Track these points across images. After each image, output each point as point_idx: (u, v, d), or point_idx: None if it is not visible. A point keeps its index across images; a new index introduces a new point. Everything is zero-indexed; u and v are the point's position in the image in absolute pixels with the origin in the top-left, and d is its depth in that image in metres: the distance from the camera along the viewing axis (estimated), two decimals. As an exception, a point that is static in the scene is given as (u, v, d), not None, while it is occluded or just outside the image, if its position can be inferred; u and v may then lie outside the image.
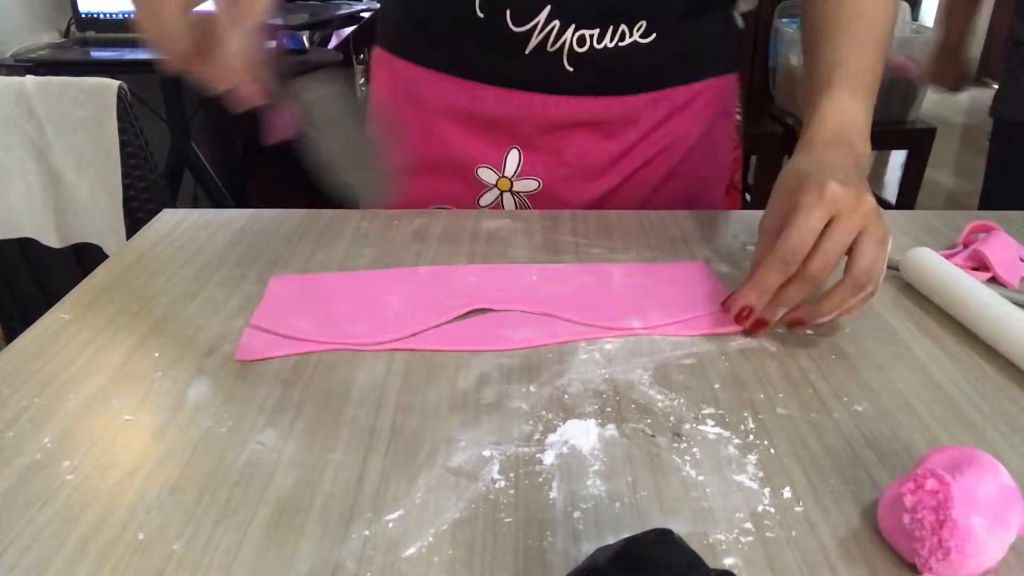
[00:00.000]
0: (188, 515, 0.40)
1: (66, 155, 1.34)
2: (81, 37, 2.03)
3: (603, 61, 0.71)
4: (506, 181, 0.79)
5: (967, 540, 0.34)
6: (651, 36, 0.70)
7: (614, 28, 0.69)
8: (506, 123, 0.76)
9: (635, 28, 0.70)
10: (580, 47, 0.70)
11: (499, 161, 0.78)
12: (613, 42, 0.70)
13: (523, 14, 0.68)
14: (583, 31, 0.69)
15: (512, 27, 0.69)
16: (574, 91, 0.73)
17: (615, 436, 0.45)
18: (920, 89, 2.08)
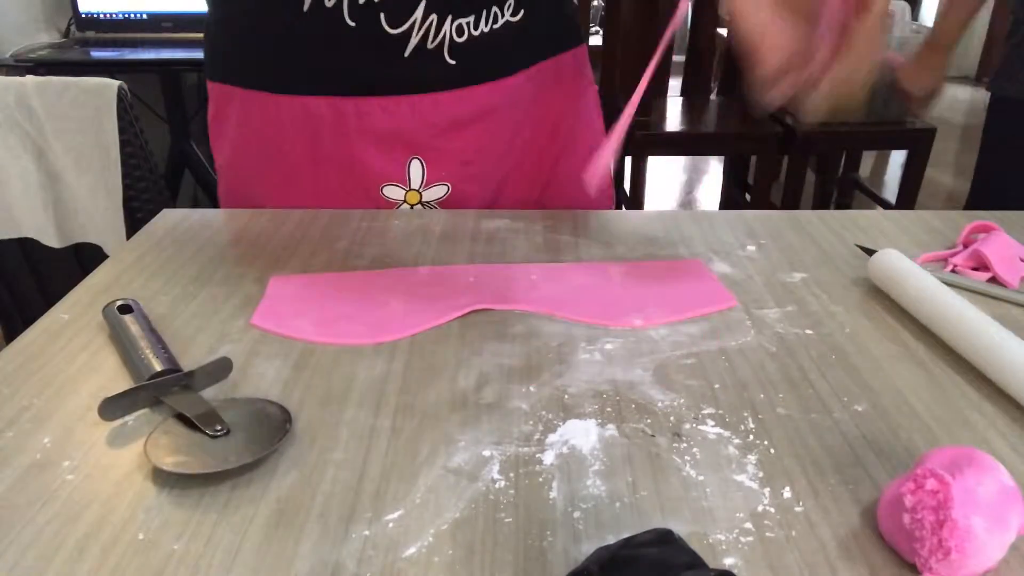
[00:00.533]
0: (188, 515, 0.40)
1: (66, 155, 1.34)
2: (81, 37, 2.04)
3: (481, 47, 0.71)
4: (415, 194, 0.76)
5: (967, 540, 0.34)
6: (520, 13, 0.72)
7: (487, 11, 0.70)
8: (401, 133, 0.73)
9: (505, 7, 0.71)
10: (459, 37, 0.70)
11: (402, 175, 0.75)
12: (488, 26, 0.71)
13: (398, 14, 0.66)
14: (460, 20, 0.69)
15: (388, 30, 0.67)
16: (459, 84, 0.73)
17: (615, 436, 0.45)
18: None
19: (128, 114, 1.34)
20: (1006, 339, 0.50)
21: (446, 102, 0.73)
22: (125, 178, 1.36)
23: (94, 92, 1.31)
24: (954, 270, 0.65)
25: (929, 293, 0.56)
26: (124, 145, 1.34)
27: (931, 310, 0.55)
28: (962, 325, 0.53)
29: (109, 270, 0.65)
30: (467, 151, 0.76)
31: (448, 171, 0.76)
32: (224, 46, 0.75)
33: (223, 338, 0.55)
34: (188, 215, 0.76)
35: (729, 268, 0.66)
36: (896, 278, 0.59)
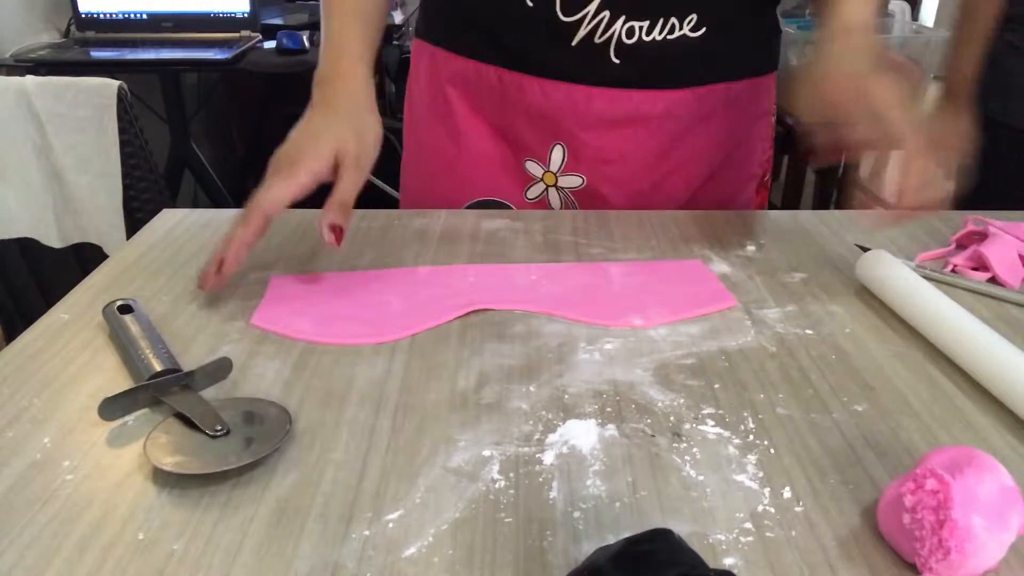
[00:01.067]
0: (188, 515, 0.40)
1: (66, 155, 1.34)
2: (81, 37, 2.03)
3: (650, 54, 0.70)
4: (551, 176, 0.79)
5: (967, 540, 0.34)
6: (701, 30, 0.70)
7: (664, 20, 0.69)
8: (551, 117, 0.75)
9: (685, 21, 0.70)
10: (628, 39, 0.69)
11: (544, 155, 0.78)
12: (662, 35, 0.70)
13: (573, 4, 0.68)
14: (632, 22, 0.69)
15: (561, 17, 0.69)
16: (619, 83, 0.73)
17: (615, 436, 0.45)
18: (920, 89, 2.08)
19: (128, 114, 1.34)
20: (992, 340, 0.50)
21: (600, 98, 0.73)
22: (125, 178, 1.36)
23: (94, 92, 1.31)
24: (954, 270, 0.65)
25: (914, 294, 0.56)
26: (124, 145, 1.34)
27: (917, 311, 0.56)
28: (948, 325, 0.53)
29: (109, 270, 0.65)
30: (609, 151, 0.77)
31: (587, 164, 0.78)
32: (425, 7, 0.83)
33: (223, 338, 0.55)
34: (188, 215, 0.76)
35: (729, 268, 0.66)
36: (883, 279, 0.59)
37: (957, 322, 0.53)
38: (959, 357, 0.51)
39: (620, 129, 0.75)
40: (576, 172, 0.78)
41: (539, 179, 0.79)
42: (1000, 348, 0.49)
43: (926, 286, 0.57)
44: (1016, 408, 0.47)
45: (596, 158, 0.77)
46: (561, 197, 0.80)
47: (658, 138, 0.76)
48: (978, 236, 0.68)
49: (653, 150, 0.77)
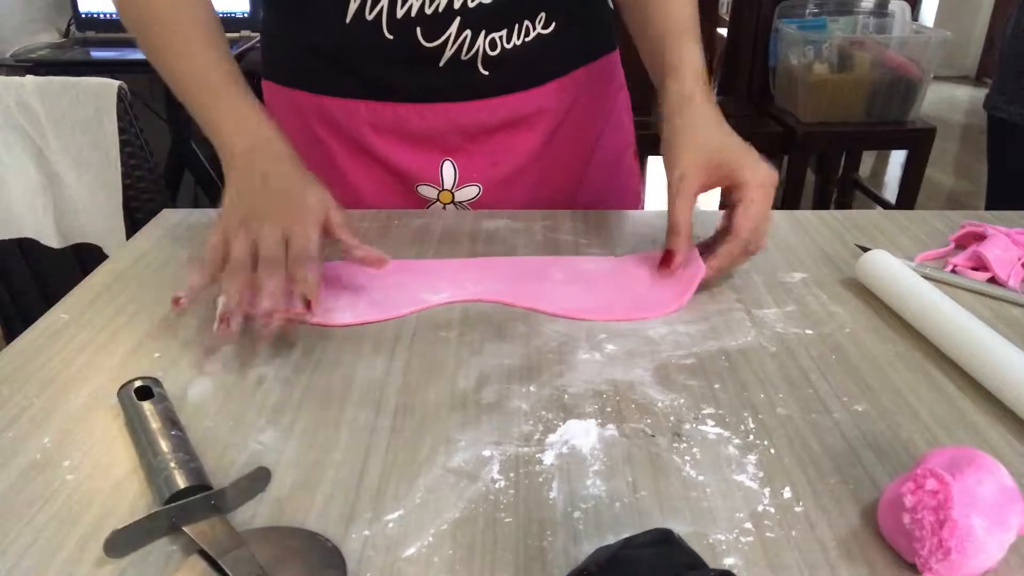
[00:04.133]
0: (188, 515, 0.40)
1: (66, 155, 1.34)
2: (81, 37, 2.03)
3: (514, 59, 0.72)
4: (447, 193, 0.79)
5: (967, 540, 0.34)
6: (551, 26, 0.73)
7: (519, 25, 0.71)
8: (434, 137, 0.76)
9: (537, 20, 0.72)
10: (492, 50, 0.71)
11: (435, 175, 0.78)
12: (520, 39, 0.72)
13: (434, 29, 0.69)
14: (493, 34, 0.70)
15: (424, 43, 0.70)
16: (491, 93, 0.74)
17: (615, 436, 0.45)
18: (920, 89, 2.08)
19: (128, 114, 1.34)
20: (992, 339, 0.50)
21: (478, 110, 0.75)
22: (125, 178, 1.36)
23: (94, 92, 1.31)
24: (954, 270, 0.65)
25: (914, 294, 0.56)
26: (124, 145, 1.34)
27: (917, 310, 0.56)
28: (948, 325, 0.53)
29: (109, 270, 0.65)
30: (497, 154, 0.78)
31: (479, 173, 0.78)
32: (275, 49, 0.80)
33: (223, 338, 0.55)
34: (188, 215, 0.76)
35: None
36: (883, 279, 0.59)
37: (957, 322, 0.53)
38: (959, 357, 0.51)
39: (503, 132, 0.77)
40: (472, 182, 0.79)
41: (435, 200, 0.79)
42: (1000, 348, 0.49)
43: (926, 286, 0.57)
44: (1016, 408, 0.47)
45: (487, 164, 0.78)
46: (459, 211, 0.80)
47: (538, 132, 0.78)
48: (977, 236, 0.68)
49: (536, 145, 0.79)
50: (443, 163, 0.77)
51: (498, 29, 0.70)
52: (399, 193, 0.79)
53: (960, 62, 4.83)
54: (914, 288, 0.57)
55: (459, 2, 0.68)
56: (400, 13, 0.68)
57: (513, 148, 0.78)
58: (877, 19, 2.14)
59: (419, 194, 0.79)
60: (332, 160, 0.78)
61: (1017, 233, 0.66)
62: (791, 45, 2.10)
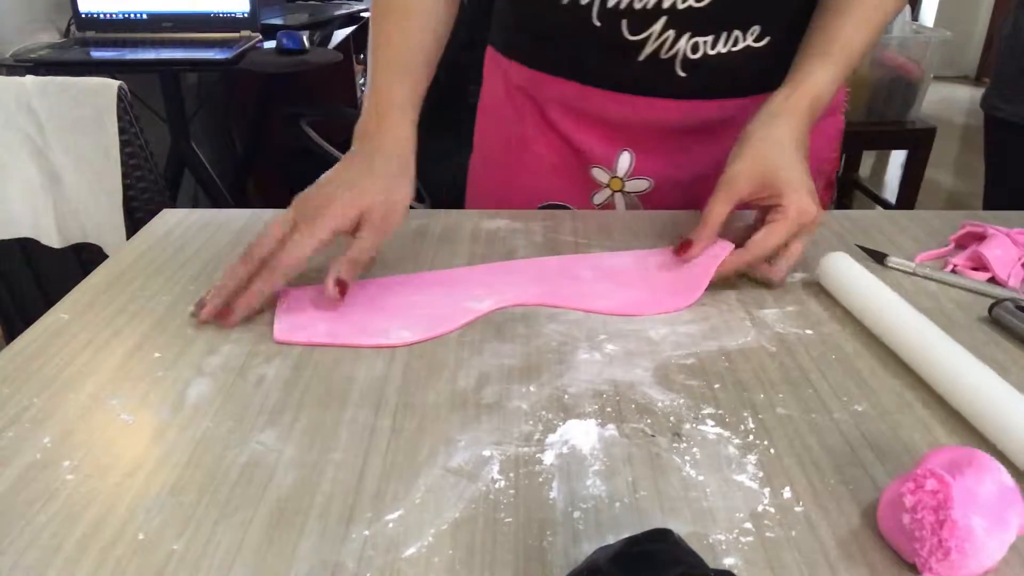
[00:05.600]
0: (188, 515, 0.40)
1: (66, 155, 1.34)
2: (81, 37, 2.03)
3: (716, 66, 0.71)
4: (618, 181, 0.80)
5: (967, 540, 0.34)
6: (764, 40, 0.71)
7: (728, 34, 0.70)
8: (618, 125, 0.77)
9: (749, 32, 0.71)
10: (694, 54, 0.71)
11: (611, 161, 0.79)
12: (727, 47, 0.71)
13: (639, 24, 0.69)
14: (697, 38, 0.70)
15: (628, 36, 0.70)
16: (685, 95, 0.74)
17: (615, 436, 0.45)
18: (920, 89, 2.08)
19: (128, 114, 1.34)
20: (943, 343, 0.50)
21: (668, 109, 0.75)
22: (125, 178, 1.36)
23: (94, 92, 1.31)
24: (954, 270, 0.65)
25: (872, 297, 0.56)
26: (124, 145, 1.34)
27: (873, 313, 0.56)
28: (901, 328, 0.53)
29: (109, 270, 0.65)
30: (677, 154, 0.78)
31: (655, 169, 0.79)
32: (497, 15, 0.84)
33: (224, 338, 0.55)
34: (188, 215, 0.76)
35: (729, 268, 0.66)
36: (841, 282, 0.59)
37: (909, 325, 0.53)
38: (910, 360, 0.52)
39: (688, 134, 0.77)
40: (644, 176, 0.79)
41: (605, 185, 0.81)
42: (950, 353, 0.49)
43: (883, 290, 0.57)
44: (962, 410, 0.47)
45: (664, 162, 0.78)
46: (627, 201, 0.81)
47: (725, 141, 0.75)
48: (977, 236, 0.68)
49: (721, 153, 0.76)
50: (621, 152, 0.78)
51: (704, 34, 0.70)
52: (573, 170, 0.81)
53: (960, 62, 4.83)
54: (870, 291, 0.57)
55: (668, 2, 0.67)
56: (611, 3, 0.69)
57: (695, 152, 0.77)
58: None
59: (591, 176, 0.80)
60: (522, 125, 0.81)
61: (1017, 233, 0.66)
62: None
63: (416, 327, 0.56)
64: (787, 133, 0.62)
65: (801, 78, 0.65)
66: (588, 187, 0.81)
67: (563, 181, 0.81)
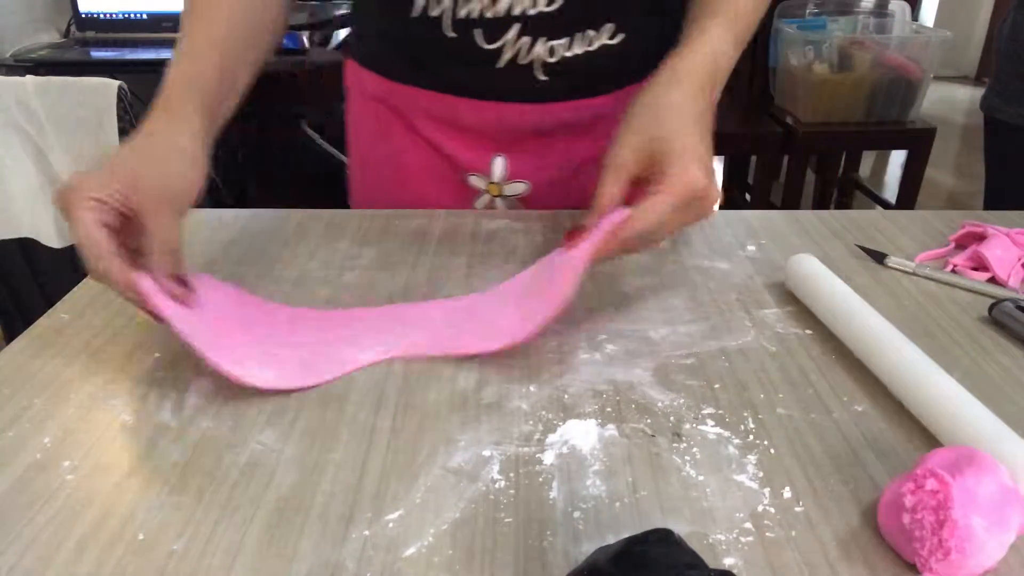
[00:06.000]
0: (188, 515, 0.40)
1: (66, 155, 1.34)
2: (81, 37, 2.03)
3: (575, 67, 0.71)
4: (496, 186, 0.79)
5: (967, 540, 0.34)
6: (620, 36, 0.72)
7: (582, 35, 0.70)
8: (487, 132, 0.76)
9: (603, 31, 0.71)
10: (551, 57, 0.70)
11: (485, 168, 0.78)
12: (583, 48, 0.71)
13: (493, 33, 0.69)
14: (553, 42, 0.70)
15: (483, 45, 0.70)
16: (548, 98, 0.74)
17: (615, 436, 0.45)
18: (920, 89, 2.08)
19: (128, 114, 1.34)
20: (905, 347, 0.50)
21: (534, 113, 0.74)
22: (125, 178, 1.36)
23: (94, 92, 1.31)
24: (954, 270, 0.65)
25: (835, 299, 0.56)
26: (124, 145, 1.34)
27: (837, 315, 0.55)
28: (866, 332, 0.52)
29: (109, 270, 0.65)
30: (550, 156, 0.78)
31: (529, 171, 0.79)
32: (355, 30, 0.84)
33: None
34: (188, 215, 0.76)
35: (729, 268, 0.66)
36: (807, 284, 0.59)
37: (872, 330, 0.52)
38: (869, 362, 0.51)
39: (557, 135, 0.77)
40: (521, 179, 0.79)
41: (484, 191, 0.80)
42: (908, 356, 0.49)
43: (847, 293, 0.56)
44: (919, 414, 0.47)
45: (539, 164, 0.78)
46: (508, 205, 0.81)
47: (594, 137, 0.77)
48: (977, 236, 0.68)
49: (591, 149, 0.77)
50: (494, 157, 0.78)
51: (559, 37, 0.70)
52: (449, 180, 0.80)
53: (960, 62, 4.83)
54: (835, 293, 0.57)
55: (519, 9, 0.67)
56: (462, 14, 0.68)
57: (567, 151, 0.77)
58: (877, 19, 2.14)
59: (469, 184, 0.80)
60: (392, 138, 0.80)
61: (1017, 233, 0.66)
62: (791, 45, 2.10)
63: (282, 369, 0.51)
64: (681, 97, 0.56)
65: (695, 37, 0.60)
66: (468, 194, 0.80)
67: (441, 190, 0.80)
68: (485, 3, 0.67)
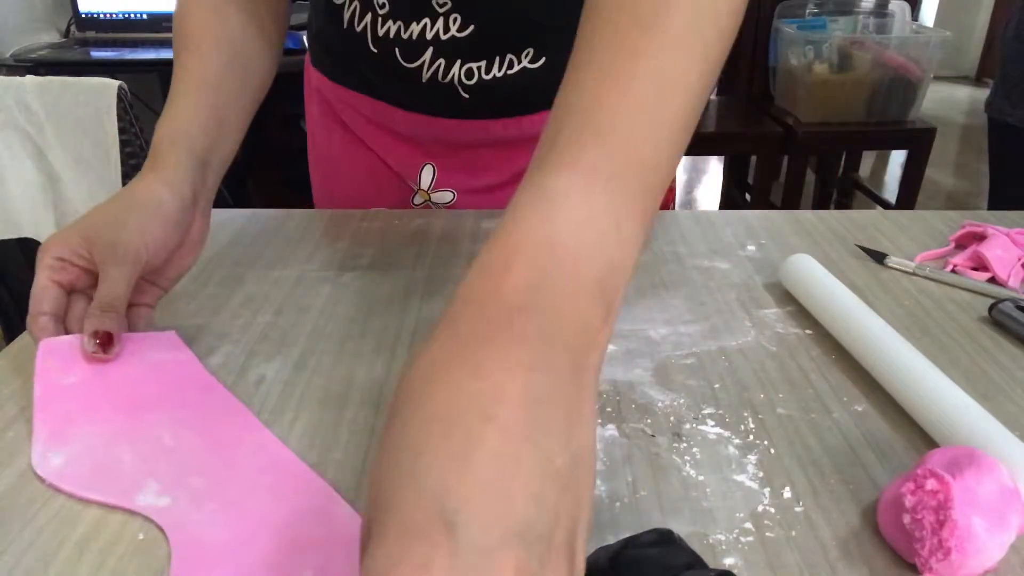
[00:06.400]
0: (188, 515, 0.40)
1: (65, 155, 1.34)
2: (81, 37, 2.03)
3: (497, 88, 0.71)
4: (424, 193, 0.80)
5: (967, 540, 0.34)
6: (540, 61, 0.70)
7: (500, 59, 0.70)
8: (417, 140, 0.77)
9: (523, 55, 0.70)
10: (469, 79, 0.71)
11: (415, 175, 0.79)
12: (502, 71, 0.70)
13: (410, 53, 0.70)
14: (469, 64, 0.70)
15: (403, 63, 0.71)
16: (474, 115, 0.74)
17: (615, 436, 0.45)
18: (920, 89, 2.08)
19: (128, 114, 1.34)
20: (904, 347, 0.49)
21: (458, 128, 0.75)
22: (125, 178, 1.36)
23: (94, 92, 1.31)
24: (954, 270, 0.65)
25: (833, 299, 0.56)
26: (124, 145, 1.34)
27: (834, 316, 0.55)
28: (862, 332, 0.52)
29: (109, 270, 0.65)
30: (477, 168, 0.78)
31: (455, 181, 0.79)
32: (310, 34, 0.84)
33: (223, 338, 0.55)
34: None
35: (729, 268, 0.66)
36: (803, 285, 0.59)
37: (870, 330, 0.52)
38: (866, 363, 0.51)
39: (484, 150, 0.77)
40: (447, 188, 0.80)
41: (416, 191, 0.81)
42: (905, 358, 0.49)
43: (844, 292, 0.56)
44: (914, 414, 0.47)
45: (465, 176, 0.79)
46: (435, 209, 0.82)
47: (521, 153, 0.77)
48: (977, 236, 0.68)
49: (519, 165, 0.78)
50: (424, 165, 0.79)
51: (475, 60, 0.70)
52: (390, 176, 0.81)
53: (960, 62, 4.83)
54: (831, 293, 0.57)
55: (431, 33, 0.68)
56: (381, 32, 0.70)
57: (494, 164, 0.78)
58: (877, 19, 2.14)
59: (408, 186, 0.81)
60: (339, 134, 0.81)
61: (1017, 233, 0.66)
62: (791, 45, 2.11)
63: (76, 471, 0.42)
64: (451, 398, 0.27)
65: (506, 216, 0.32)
66: (407, 193, 0.81)
67: (384, 183, 0.81)
68: (400, 25, 0.68)
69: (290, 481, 0.42)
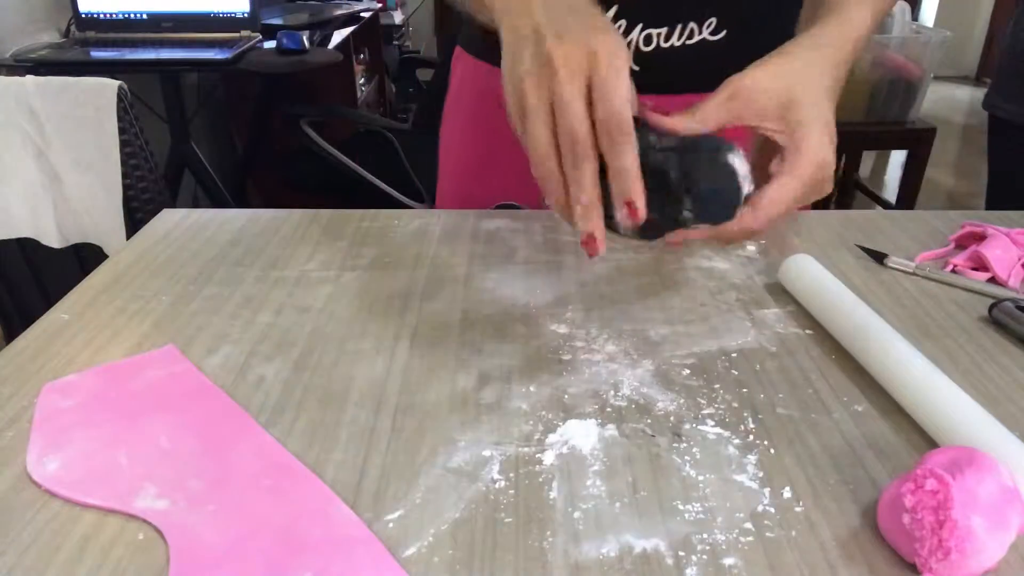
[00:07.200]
0: (188, 515, 0.40)
1: (66, 155, 1.34)
2: (81, 37, 2.03)
3: (671, 59, 0.70)
4: None
5: (967, 540, 0.34)
6: (721, 33, 0.69)
7: (683, 26, 0.68)
8: None
9: (704, 25, 0.69)
10: (646, 46, 0.69)
11: None
12: (681, 40, 0.69)
13: None
14: (650, 30, 0.68)
15: None
16: (640, 90, 0.72)
17: (615, 436, 0.45)
18: (920, 89, 2.08)
19: (128, 114, 1.34)
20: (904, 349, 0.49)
21: None
22: (125, 178, 1.36)
23: (94, 92, 1.31)
24: (954, 270, 0.65)
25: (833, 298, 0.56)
26: (124, 145, 1.34)
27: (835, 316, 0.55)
28: (862, 332, 0.52)
29: (109, 270, 0.65)
30: None
31: None
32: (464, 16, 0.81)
33: (224, 338, 0.55)
34: (188, 215, 0.76)
35: (729, 268, 0.66)
36: (804, 284, 0.59)
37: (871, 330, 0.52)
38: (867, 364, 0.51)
39: None
40: None
41: None
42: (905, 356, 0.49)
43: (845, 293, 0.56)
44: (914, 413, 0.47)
45: None
46: None
47: None
48: (977, 236, 0.68)
49: None
50: None
51: (657, 26, 0.68)
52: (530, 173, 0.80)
53: (960, 62, 4.83)
54: (831, 293, 0.57)
55: None
56: None
57: None
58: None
59: None
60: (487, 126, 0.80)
61: (1017, 233, 0.66)
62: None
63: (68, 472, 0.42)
64: (825, 64, 0.52)
65: (838, 12, 0.55)
66: None
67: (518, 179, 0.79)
68: None
69: (288, 483, 0.42)
